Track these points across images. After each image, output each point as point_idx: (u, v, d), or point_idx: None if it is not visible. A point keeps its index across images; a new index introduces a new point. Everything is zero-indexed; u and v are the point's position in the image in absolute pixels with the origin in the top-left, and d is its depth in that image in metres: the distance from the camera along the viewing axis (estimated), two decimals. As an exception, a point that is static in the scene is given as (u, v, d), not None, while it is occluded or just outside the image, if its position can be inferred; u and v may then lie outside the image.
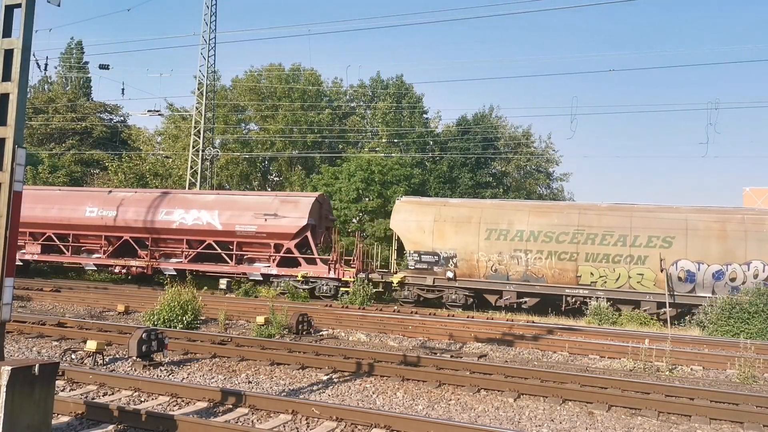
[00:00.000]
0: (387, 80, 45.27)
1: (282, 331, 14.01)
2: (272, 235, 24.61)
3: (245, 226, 24.78)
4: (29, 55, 5.60)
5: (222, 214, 25.18)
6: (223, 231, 25.14)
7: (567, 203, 23.52)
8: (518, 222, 22.91)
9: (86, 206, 26.85)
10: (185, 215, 25.62)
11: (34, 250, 27.70)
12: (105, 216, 26.52)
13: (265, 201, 25.54)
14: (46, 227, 27.33)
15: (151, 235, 26.14)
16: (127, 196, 27.20)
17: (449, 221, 23.66)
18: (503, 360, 12.40)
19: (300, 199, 25.56)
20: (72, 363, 10.26)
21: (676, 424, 8.05)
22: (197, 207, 25.73)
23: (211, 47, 34.41)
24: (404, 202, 25.44)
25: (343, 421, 7.08)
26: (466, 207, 24.34)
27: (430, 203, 25.23)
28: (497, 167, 44.42)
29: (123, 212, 26.31)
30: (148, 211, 26.04)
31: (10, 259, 5.36)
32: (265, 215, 24.58)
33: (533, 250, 22.47)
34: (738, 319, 17.94)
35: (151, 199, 26.68)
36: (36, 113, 47.21)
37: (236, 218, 24.98)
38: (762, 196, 35.17)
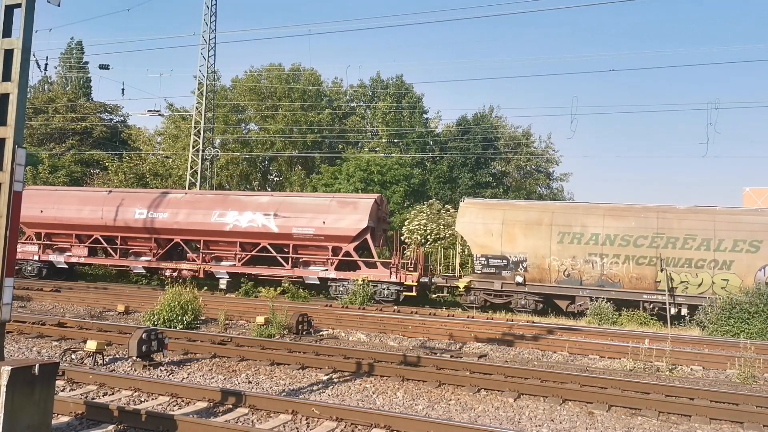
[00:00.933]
0: (387, 80, 45.30)
1: (282, 331, 14.01)
2: (330, 238, 23.96)
3: (302, 228, 24.17)
4: (29, 55, 5.60)
5: (278, 216, 24.56)
6: (279, 233, 24.53)
7: (643, 206, 22.70)
8: (592, 225, 22.30)
9: (135, 208, 26.37)
10: (239, 217, 24.99)
11: (80, 252, 27.30)
12: (155, 218, 26.02)
13: (322, 203, 24.92)
14: (93, 229, 26.96)
15: (203, 238, 25.66)
16: (177, 198, 26.70)
17: (518, 224, 23.03)
18: (503, 360, 12.40)
19: (359, 200, 24.88)
20: (72, 363, 10.26)
21: (676, 424, 8.05)
22: (252, 209, 25.07)
23: (211, 47, 34.42)
24: (469, 204, 24.72)
25: (343, 421, 7.08)
26: (535, 209, 23.69)
27: (496, 205, 24.58)
28: (497, 167, 44.41)
29: (174, 214, 25.80)
30: (200, 213, 25.54)
31: (10, 259, 5.36)
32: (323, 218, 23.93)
33: (609, 255, 21.84)
34: (738, 319, 17.94)
35: (203, 201, 26.26)
36: (36, 113, 47.21)
37: (293, 220, 24.36)
38: (762, 196, 35.18)
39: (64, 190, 30.19)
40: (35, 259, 27.49)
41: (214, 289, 25.22)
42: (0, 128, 5.43)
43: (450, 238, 30.49)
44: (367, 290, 22.54)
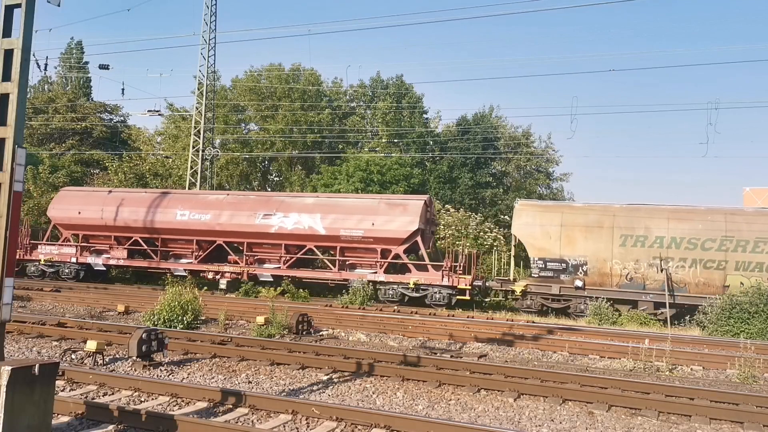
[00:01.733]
0: (387, 80, 45.30)
1: (282, 331, 14.01)
2: (380, 240, 23.37)
3: (350, 230, 23.60)
4: (29, 55, 5.60)
5: (325, 217, 24.02)
6: (327, 236, 23.96)
7: (708, 208, 22.14)
8: (656, 227, 21.72)
9: (177, 209, 25.84)
10: (284, 219, 24.44)
11: (120, 254, 26.79)
12: (197, 219, 25.47)
13: (370, 204, 24.29)
14: (133, 231, 26.43)
15: (247, 240, 25.05)
16: (219, 199, 26.14)
17: (578, 226, 22.49)
18: (503, 360, 12.40)
19: (408, 202, 24.17)
20: (72, 363, 10.27)
21: (676, 424, 8.05)
22: (297, 210, 24.54)
23: (211, 47, 34.42)
24: (525, 205, 24.19)
25: (343, 421, 7.08)
26: (595, 211, 22.88)
27: (553, 207, 24.03)
28: (497, 167, 44.41)
29: (216, 216, 25.21)
30: (244, 214, 24.98)
31: (10, 259, 5.36)
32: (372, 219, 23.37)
33: (675, 258, 21.30)
34: (738, 319, 17.93)
35: (246, 202, 25.68)
36: (36, 113, 47.22)
37: (340, 222, 23.81)
38: (762, 196, 35.16)
39: (102, 191, 29.65)
40: (73, 261, 27.02)
41: (214, 289, 25.21)
42: (0, 128, 5.43)
43: (450, 238, 30.53)
44: (368, 290, 22.51)
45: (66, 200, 28.09)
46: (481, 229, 33.19)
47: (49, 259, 27.11)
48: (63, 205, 27.87)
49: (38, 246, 27.72)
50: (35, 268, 27.51)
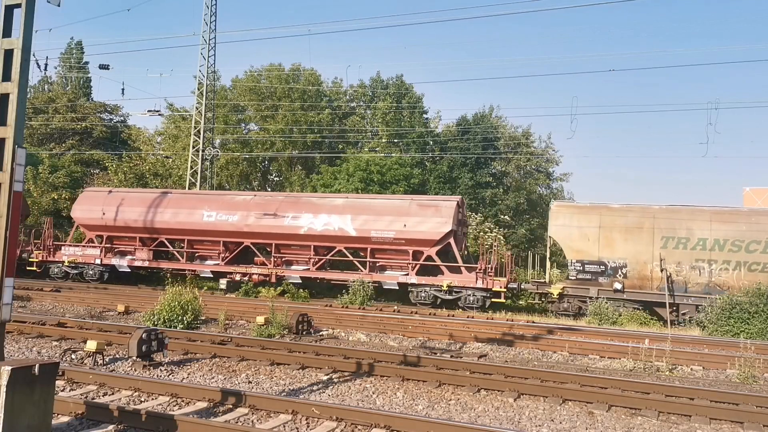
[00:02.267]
0: (387, 80, 45.29)
1: (282, 331, 14.01)
2: (412, 242, 23.08)
3: (382, 232, 23.25)
4: (29, 55, 5.61)
5: (355, 219, 23.71)
6: (357, 237, 23.64)
7: (751, 208, 21.56)
8: (699, 229, 21.25)
9: (203, 210, 25.53)
10: (314, 220, 24.12)
11: (144, 256, 26.47)
12: (224, 221, 25.14)
13: (402, 205, 23.90)
14: (158, 232, 26.16)
15: (275, 241, 24.74)
16: (246, 200, 25.80)
17: (617, 228, 22.06)
18: (503, 360, 12.40)
19: (440, 203, 23.86)
20: (72, 363, 10.27)
21: (676, 424, 8.05)
22: (326, 211, 24.21)
23: (211, 47, 34.42)
24: (561, 206, 23.78)
25: (343, 421, 7.08)
26: (634, 212, 22.39)
27: (591, 208, 23.28)
28: (497, 167, 44.41)
29: (244, 217, 24.88)
30: (272, 215, 24.66)
31: (10, 259, 5.36)
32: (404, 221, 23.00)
33: (718, 261, 20.86)
34: (738, 319, 17.93)
35: (274, 203, 25.34)
36: (36, 113, 47.22)
37: (371, 223, 23.47)
38: (762, 196, 35.16)
39: (127, 191, 29.42)
40: (97, 263, 26.75)
41: (214, 289, 25.20)
42: (0, 128, 5.43)
43: None
44: (367, 290, 22.48)
45: (89, 201, 27.71)
46: (481, 229, 33.22)
47: (72, 261, 26.83)
48: (87, 205, 27.53)
49: (62, 247, 27.52)
50: (58, 270, 27.30)
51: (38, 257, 27.43)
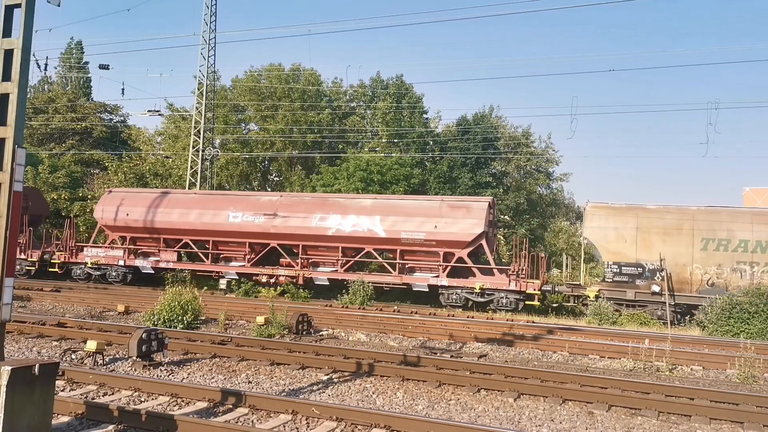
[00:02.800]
0: (387, 80, 45.25)
1: (282, 331, 14.01)
2: (443, 243, 22.79)
3: (412, 233, 22.97)
4: (29, 55, 5.61)
5: (384, 220, 23.44)
6: (387, 238, 23.37)
7: None
8: (740, 230, 20.87)
9: (229, 211, 25.26)
10: (342, 221, 23.85)
11: (169, 257, 26.26)
12: (250, 222, 24.88)
13: (432, 206, 23.64)
14: (183, 233, 25.96)
15: (302, 242, 24.44)
16: (272, 201, 25.58)
17: (655, 229, 21.69)
18: (503, 360, 12.40)
19: (471, 203, 23.48)
20: (72, 363, 10.27)
21: (676, 424, 8.05)
22: (355, 212, 23.93)
23: (211, 47, 34.40)
24: (597, 207, 23.16)
25: (343, 421, 7.08)
26: (672, 213, 22.03)
27: (627, 209, 22.82)
28: (497, 167, 44.40)
29: (270, 218, 24.68)
30: (300, 216, 24.45)
31: (10, 259, 5.36)
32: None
33: (761, 263, 20.48)
34: (738, 319, 17.93)
35: (301, 204, 25.12)
36: (36, 113, 47.22)
37: (401, 224, 23.20)
38: (762, 196, 35.18)
39: (152, 192, 29.14)
40: (120, 264, 26.55)
41: (214, 289, 25.19)
42: (0, 128, 5.43)
43: None
44: (367, 290, 22.45)
45: (113, 201, 27.42)
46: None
47: (95, 262, 26.64)
48: (110, 206, 27.25)
49: (84, 248, 27.31)
50: (81, 271, 27.11)
51: (60, 258, 27.21)
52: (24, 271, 27.90)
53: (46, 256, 27.57)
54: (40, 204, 31.07)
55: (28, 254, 27.78)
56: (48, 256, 27.60)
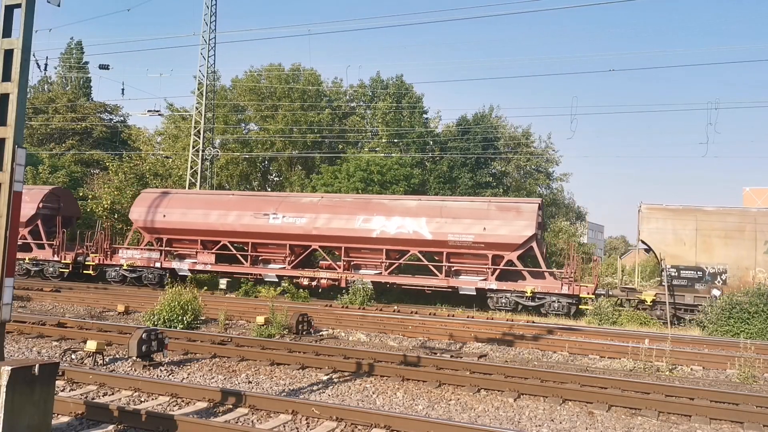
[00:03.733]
0: (387, 80, 45.27)
1: (282, 331, 14.02)
2: (492, 246, 22.20)
3: (459, 235, 22.44)
4: (29, 55, 5.61)
5: (430, 222, 22.97)
6: (433, 241, 22.90)
7: None
8: None
9: (269, 213, 24.84)
10: (386, 223, 23.38)
11: (207, 259, 25.70)
12: (291, 223, 24.49)
13: (480, 207, 23.07)
14: (221, 235, 25.54)
15: (344, 245, 24.03)
16: (314, 202, 25.22)
17: (716, 232, 21.13)
18: (503, 360, 12.40)
19: (521, 205, 23.04)
20: (72, 363, 10.27)
21: (676, 424, 8.05)
22: (399, 214, 23.45)
23: (211, 47, 34.41)
24: (653, 209, 22.53)
25: (343, 421, 7.08)
26: (734, 215, 21.47)
27: (686, 211, 22.13)
28: (497, 167, 44.43)
29: (312, 219, 24.28)
30: (342, 218, 24.04)
31: (10, 259, 5.37)
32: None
33: None
34: (738, 319, 17.93)
35: (343, 205, 24.68)
36: (36, 113, 47.23)
37: (448, 227, 22.66)
38: (762, 196, 35.20)
39: (188, 193, 28.83)
40: (156, 266, 26.11)
41: (214, 289, 25.19)
42: (0, 128, 5.43)
43: None
44: (367, 290, 22.45)
45: (149, 202, 27.06)
46: None
47: (131, 264, 26.32)
48: (146, 207, 26.89)
49: (119, 250, 26.96)
50: (116, 273, 26.73)
51: (94, 260, 26.83)
52: (57, 273, 27.60)
53: (80, 258, 27.25)
54: (71, 205, 30.75)
55: (61, 256, 27.42)
56: (82, 258, 27.27)
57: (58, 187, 31.98)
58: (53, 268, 27.81)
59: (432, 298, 24.05)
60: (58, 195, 30.00)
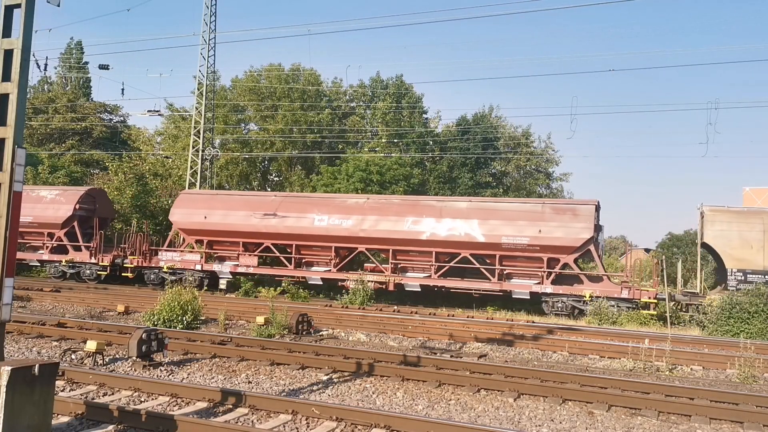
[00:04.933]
0: (387, 80, 45.29)
1: (282, 331, 14.01)
2: (548, 249, 21.71)
3: (514, 238, 21.95)
4: (29, 55, 5.61)
5: (483, 224, 22.46)
6: (486, 243, 22.37)
7: None
8: None
9: (314, 215, 24.48)
10: (437, 225, 22.94)
11: (248, 262, 25.25)
12: (337, 225, 24.08)
13: (534, 209, 22.57)
14: (264, 237, 25.13)
15: (392, 247, 23.59)
16: (360, 203, 24.74)
17: None
18: (503, 360, 12.40)
19: (577, 206, 22.45)
20: (72, 363, 10.26)
21: (676, 424, 8.05)
22: (450, 216, 22.99)
23: (210, 47, 34.40)
24: (716, 211, 22.15)
25: (343, 421, 7.08)
26: None
27: (752, 213, 21.62)
28: (497, 167, 44.43)
29: (359, 221, 23.85)
30: (390, 220, 23.59)
31: (10, 259, 5.36)
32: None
33: None
34: (738, 319, 17.92)
35: (391, 207, 24.18)
36: (36, 113, 47.22)
37: (501, 229, 22.18)
38: (762, 196, 35.14)
39: (231, 194, 28.50)
40: (197, 269, 25.70)
41: (213, 289, 25.17)
42: (0, 128, 5.43)
43: None
44: (367, 290, 22.42)
45: (190, 204, 26.70)
46: None
47: (171, 267, 25.96)
48: (187, 209, 26.56)
49: (158, 252, 26.62)
50: (155, 276, 26.32)
51: (133, 263, 26.46)
52: (94, 276, 27.18)
53: (118, 261, 26.84)
54: (106, 206, 30.43)
55: (98, 258, 26.95)
56: (120, 260, 26.85)
57: (94, 188, 31.70)
58: (90, 271, 27.30)
59: (479, 301, 23.48)
60: (93, 196, 29.67)
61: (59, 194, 29.13)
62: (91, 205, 29.08)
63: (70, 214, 28.07)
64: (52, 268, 28.39)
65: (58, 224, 28.18)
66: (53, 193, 29.37)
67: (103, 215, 29.43)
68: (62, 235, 28.21)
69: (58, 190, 29.82)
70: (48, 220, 28.28)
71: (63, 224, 28.09)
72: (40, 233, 28.67)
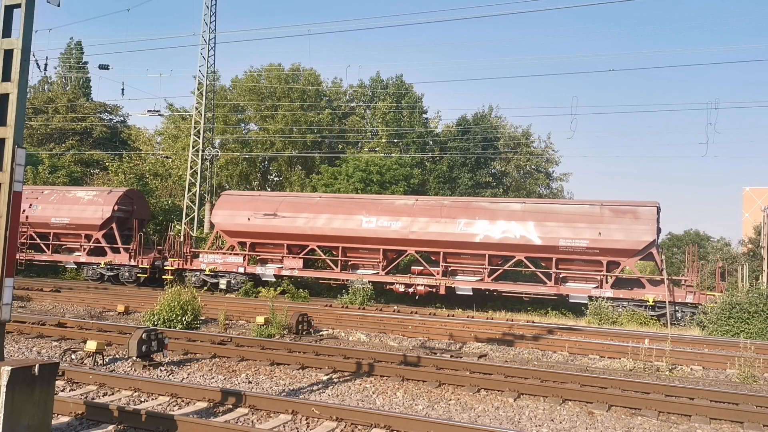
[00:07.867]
0: (387, 80, 45.29)
1: (282, 331, 14.01)
2: (607, 252, 21.21)
3: (572, 240, 21.45)
4: (29, 55, 5.60)
5: (539, 226, 21.99)
6: (542, 246, 21.89)
7: None
8: None
9: (362, 216, 24.02)
10: (490, 227, 22.42)
11: (294, 264, 24.95)
12: (386, 227, 23.61)
13: (592, 211, 21.98)
14: (309, 239, 24.72)
15: (443, 249, 23.01)
16: (409, 205, 24.23)
17: None
18: (503, 360, 12.39)
19: (637, 208, 21.76)
20: (72, 363, 10.26)
21: (676, 423, 8.05)
22: (504, 218, 22.49)
23: (210, 47, 34.38)
24: None
25: (343, 421, 7.08)
26: None
27: None
28: (497, 167, 44.42)
29: (408, 223, 23.39)
30: (441, 222, 23.10)
31: (10, 259, 5.36)
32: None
33: None
34: (738, 319, 17.92)
35: (441, 209, 23.68)
36: (36, 113, 47.24)
37: (558, 231, 21.71)
38: (762, 196, 35.17)
39: (273, 195, 28.22)
40: (240, 272, 25.28)
41: (213, 289, 25.16)
42: (0, 128, 5.42)
43: None
44: (368, 290, 22.41)
45: (232, 205, 26.40)
46: None
47: (213, 269, 25.59)
48: (229, 210, 26.21)
49: (200, 255, 26.21)
50: (196, 279, 25.73)
51: (173, 265, 26.14)
52: (133, 278, 26.85)
53: (158, 263, 26.57)
54: (143, 207, 30.16)
55: (138, 261, 26.69)
56: (159, 262, 26.58)
57: (132, 189, 31.43)
58: (129, 273, 26.97)
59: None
60: (131, 197, 29.33)
61: (97, 195, 28.75)
62: (129, 207, 28.74)
63: (109, 215, 27.69)
64: (89, 271, 28.00)
65: (96, 225, 27.81)
66: (90, 194, 29.03)
67: (140, 217, 29.20)
68: (100, 237, 27.87)
69: (96, 191, 29.48)
70: (85, 221, 27.92)
71: (101, 226, 27.75)
72: (77, 235, 28.31)
